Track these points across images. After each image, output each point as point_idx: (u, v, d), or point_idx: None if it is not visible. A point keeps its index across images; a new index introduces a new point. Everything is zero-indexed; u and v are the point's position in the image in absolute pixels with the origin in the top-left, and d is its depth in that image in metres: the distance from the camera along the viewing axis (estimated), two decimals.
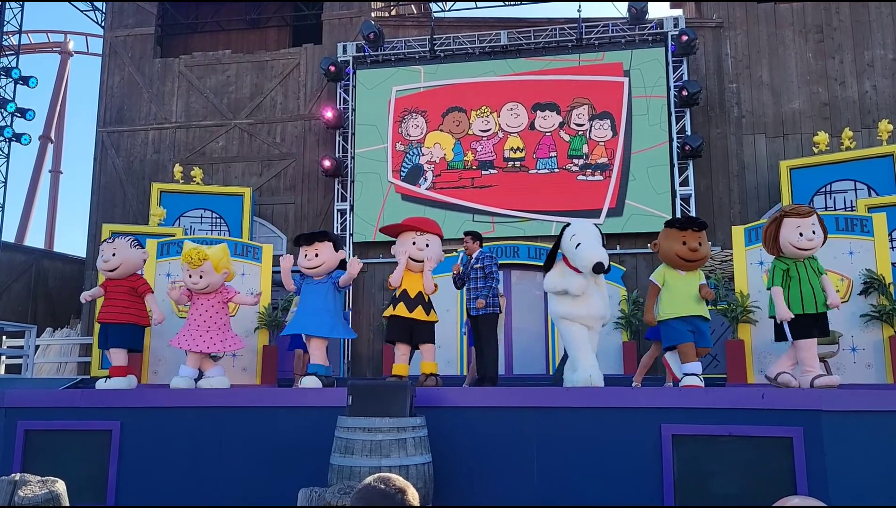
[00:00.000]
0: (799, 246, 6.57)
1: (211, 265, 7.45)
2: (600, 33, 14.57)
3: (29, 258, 17.96)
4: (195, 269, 7.49)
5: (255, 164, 15.97)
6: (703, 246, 6.77)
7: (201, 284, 7.53)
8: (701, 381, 6.58)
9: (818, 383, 6.24)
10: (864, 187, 11.90)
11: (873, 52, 13.89)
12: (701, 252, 6.74)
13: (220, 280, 7.66)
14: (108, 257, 7.64)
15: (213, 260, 7.47)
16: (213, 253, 7.53)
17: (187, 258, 7.47)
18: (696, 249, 6.67)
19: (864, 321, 8.91)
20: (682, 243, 6.72)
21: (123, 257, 7.66)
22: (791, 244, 6.59)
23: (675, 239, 6.80)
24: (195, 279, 7.54)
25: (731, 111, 14.30)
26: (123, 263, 7.65)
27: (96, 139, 16.58)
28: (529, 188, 14.27)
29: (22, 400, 6.66)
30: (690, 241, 6.71)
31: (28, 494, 3.05)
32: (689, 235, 6.75)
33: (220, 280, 7.65)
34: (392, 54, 15.33)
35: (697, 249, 6.68)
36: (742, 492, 5.19)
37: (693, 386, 6.30)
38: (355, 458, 5.16)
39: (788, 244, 6.62)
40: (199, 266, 7.43)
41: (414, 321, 7.29)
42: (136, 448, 6.28)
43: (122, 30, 17.10)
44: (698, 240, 6.73)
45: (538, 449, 5.74)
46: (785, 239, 6.61)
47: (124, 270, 7.68)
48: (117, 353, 7.59)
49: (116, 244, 7.71)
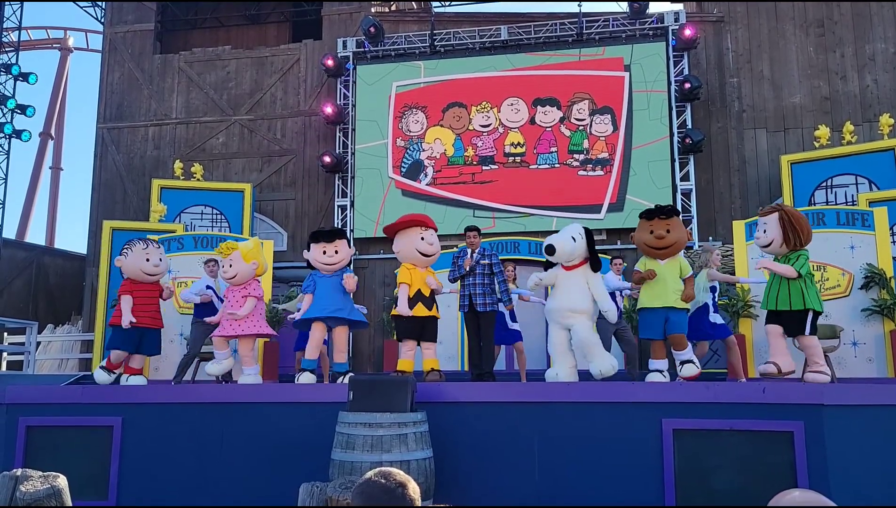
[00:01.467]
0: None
1: (239, 255, 7.73)
2: (601, 28, 14.54)
3: (30, 255, 17.97)
4: (225, 258, 7.83)
5: (256, 160, 15.97)
6: (672, 233, 6.71)
7: (230, 272, 7.79)
8: (665, 377, 6.69)
9: (808, 377, 6.23)
10: (866, 182, 11.89)
11: (874, 46, 13.86)
12: (668, 239, 6.69)
13: (249, 271, 7.83)
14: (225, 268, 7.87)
15: (242, 250, 7.79)
16: (242, 244, 7.96)
17: (219, 250, 7.98)
18: (662, 236, 6.67)
19: (865, 316, 8.94)
20: (650, 233, 6.75)
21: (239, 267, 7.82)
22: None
23: (644, 229, 6.86)
24: (225, 269, 7.84)
25: (732, 106, 14.29)
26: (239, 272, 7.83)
27: (96, 136, 16.58)
28: (530, 184, 14.26)
29: (24, 397, 6.68)
30: (657, 229, 6.73)
31: (30, 489, 3.06)
32: (656, 223, 6.77)
33: (248, 270, 7.82)
34: (392, 50, 15.31)
35: (664, 236, 6.66)
36: (743, 486, 5.20)
37: (656, 381, 6.35)
38: (356, 453, 5.17)
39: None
40: (229, 255, 7.78)
41: (425, 317, 7.29)
42: (137, 443, 6.29)
43: (121, 26, 17.09)
44: (665, 227, 6.71)
45: (539, 444, 5.74)
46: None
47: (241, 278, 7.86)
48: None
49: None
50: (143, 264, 7.77)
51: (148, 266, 7.79)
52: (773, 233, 6.25)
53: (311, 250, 7.47)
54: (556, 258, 6.97)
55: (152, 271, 7.83)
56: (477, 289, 7.75)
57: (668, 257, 6.79)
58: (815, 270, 9.20)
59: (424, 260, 7.37)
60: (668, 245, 6.72)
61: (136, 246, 7.85)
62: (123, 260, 7.78)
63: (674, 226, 6.78)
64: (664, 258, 6.79)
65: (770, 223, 6.28)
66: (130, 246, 7.87)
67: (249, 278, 7.88)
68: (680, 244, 6.82)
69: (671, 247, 6.75)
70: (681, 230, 6.85)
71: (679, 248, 6.83)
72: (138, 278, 7.78)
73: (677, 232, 6.78)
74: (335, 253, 7.44)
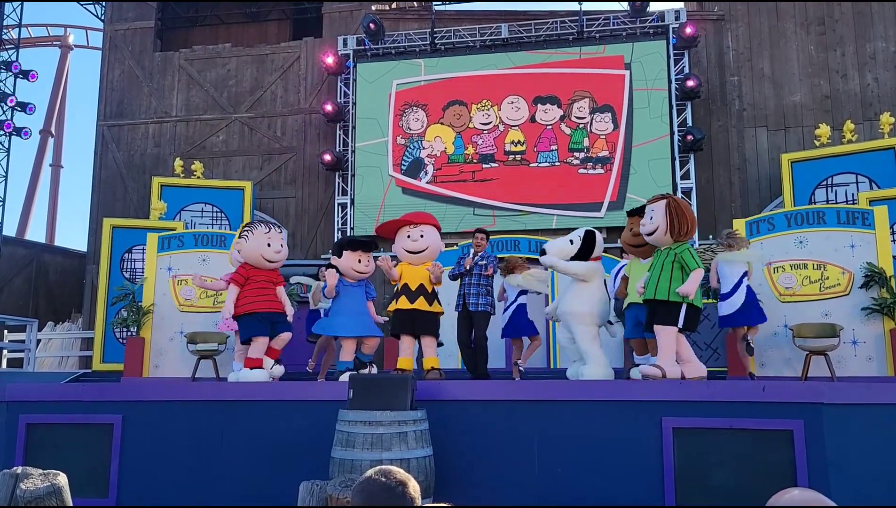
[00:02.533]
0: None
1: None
2: (601, 26, 14.53)
3: (30, 253, 17.97)
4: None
5: (256, 158, 15.96)
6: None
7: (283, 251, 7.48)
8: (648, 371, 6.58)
9: (643, 369, 6.21)
10: (866, 180, 11.87)
11: (875, 44, 13.85)
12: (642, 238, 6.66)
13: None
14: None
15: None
16: None
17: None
18: (638, 233, 6.66)
19: (864, 314, 8.92)
20: (630, 230, 6.78)
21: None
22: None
23: (627, 228, 6.95)
24: (276, 247, 7.40)
25: (733, 104, 14.28)
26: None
27: (97, 133, 16.58)
28: (530, 182, 14.25)
29: (24, 394, 6.67)
30: (634, 226, 6.76)
31: (30, 487, 3.06)
32: (634, 220, 6.82)
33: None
34: (392, 48, 15.30)
35: (640, 233, 6.64)
36: (743, 485, 5.20)
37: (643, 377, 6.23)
38: (356, 451, 5.17)
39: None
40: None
41: (416, 311, 7.32)
42: (137, 441, 6.29)
43: (122, 24, 17.07)
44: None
45: (539, 442, 5.74)
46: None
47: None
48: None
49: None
50: (264, 249, 7.24)
51: (269, 252, 7.26)
52: (658, 220, 6.20)
53: (345, 256, 7.46)
54: (548, 262, 7.16)
55: (272, 258, 7.30)
56: (471, 289, 7.82)
57: (651, 254, 6.68)
58: (816, 268, 9.22)
59: (413, 257, 7.44)
60: (643, 243, 6.73)
61: (257, 229, 7.29)
62: (243, 243, 7.25)
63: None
64: (647, 256, 6.77)
65: (657, 211, 6.23)
66: (251, 228, 7.31)
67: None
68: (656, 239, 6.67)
69: (646, 246, 6.72)
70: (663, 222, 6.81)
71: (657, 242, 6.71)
72: (257, 264, 7.25)
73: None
74: (368, 262, 7.57)
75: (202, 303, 10.25)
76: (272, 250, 7.26)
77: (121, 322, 10.90)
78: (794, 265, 9.36)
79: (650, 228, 6.26)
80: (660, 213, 6.19)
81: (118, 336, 11.92)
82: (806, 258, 9.33)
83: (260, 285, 7.22)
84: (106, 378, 10.94)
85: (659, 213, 6.20)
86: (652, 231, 6.26)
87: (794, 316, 9.08)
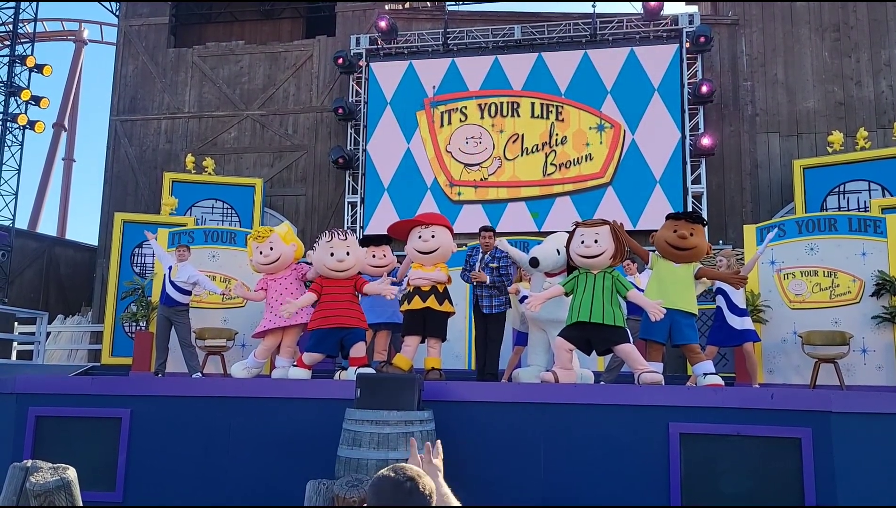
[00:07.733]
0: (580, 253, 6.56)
1: (279, 237, 7.58)
2: (614, 29, 14.50)
3: (41, 245, 18.06)
4: (263, 242, 7.52)
5: (267, 155, 16.01)
6: (694, 237, 6.68)
7: (273, 255, 7.51)
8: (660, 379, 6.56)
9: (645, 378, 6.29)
10: (879, 188, 11.81)
11: (890, 51, 13.76)
12: (690, 241, 6.65)
13: (291, 253, 7.68)
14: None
15: (280, 233, 7.66)
16: (278, 228, 7.81)
17: (254, 235, 7.65)
18: (685, 236, 6.63)
19: (875, 323, 8.87)
20: (674, 231, 6.72)
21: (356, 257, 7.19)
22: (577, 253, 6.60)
23: (668, 228, 6.84)
24: (266, 252, 7.47)
25: (745, 109, 14.21)
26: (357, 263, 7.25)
27: (109, 128, 16.66)
28: (543, 184, 14.23)
29: (33, 386, 6.71)
30: (681, 228, 6.70)
31: (40, 480, 3.07)
32: (682, 224, 6.76)
33: (290, 252, 7.67)
34: (405, 47, 15.30)
35: (686, 236, 6.63)
36: (749, 492, 5.18)
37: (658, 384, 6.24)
38: (363, 450, 5.18)
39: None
40: (268, 237, 7.53)
41: (427, 310, 7.23)
42: (145, 435, 6.31)
43: (136, 19, 17.16)
44: (690, 230, 6.69)
45: (545, 445, 5.74)
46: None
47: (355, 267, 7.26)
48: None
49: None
50: (327, 258, 7.00)
51: (332, 261, 6.99)
52: (605, 244, 6.43)
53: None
54: (542, 270, 7.22)
55: (335, 267, 6.99)
56: (484, 291, 7.74)
57: (685, 262, 6.74)
58: (826, 276, 9.17)
59: (424, 258, 7.35)
60: (690, 247, 6.68)
61: (321, 239, 7.13)
62: (313, 256, 7.18)
63: (698, 232, 6.77)
64: (680, 261, 6.75)
65: (602, 234, 6.46)
66: (321, 238, 7.15)
67: (291, 260, 7.70)
68: (699, 252, 6.75)
69: (692, 250, 6.69)
70: (703, 239, 6.84)
71: (698, 255, 6.76)
72: (325, 275, 7.07)
73: (700, 239, 6.76)
74: (383, 256, 7.89)
75: (211, 299, 10.27)
76: (335, 259, 7.01)
77: (130, 317, 10.95)
78: (805, 272, 9.32)
79: (597, 251, 6.44)
80: (606, 237, 6.45)
81: (127, 331, 11.98)
82: (817, 265, 9.29)
83: (331, 298, 7.03)
84: (114, 372, 10.99)
85: (605, 237, 6.45)
86: (598, 254, 6.43)
87: (804, 323, 9.05)
